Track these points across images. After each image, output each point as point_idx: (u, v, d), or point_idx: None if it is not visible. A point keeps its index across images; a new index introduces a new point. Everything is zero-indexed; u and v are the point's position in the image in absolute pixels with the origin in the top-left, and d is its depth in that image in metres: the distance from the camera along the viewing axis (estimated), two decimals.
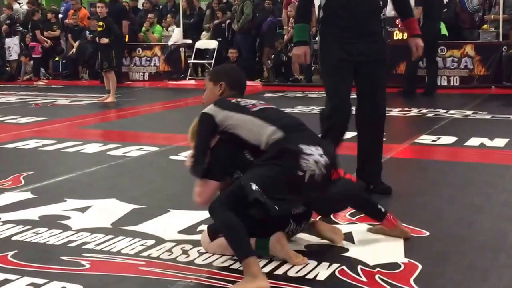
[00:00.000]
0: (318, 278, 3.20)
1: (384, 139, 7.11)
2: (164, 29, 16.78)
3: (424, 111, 9.53)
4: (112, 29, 11.68)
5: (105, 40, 11.44)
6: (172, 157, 6.38)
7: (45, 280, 3.18)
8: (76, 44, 16.52)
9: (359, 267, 3.33)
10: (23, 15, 17.70)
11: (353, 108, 4.81)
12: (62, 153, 6.77)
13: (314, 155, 3.35)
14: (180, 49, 15.87)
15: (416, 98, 11.59)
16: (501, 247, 3.64)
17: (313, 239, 3.73)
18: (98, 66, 11.92)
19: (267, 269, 3.30)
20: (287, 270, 3.28)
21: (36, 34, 16.25)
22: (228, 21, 15.89)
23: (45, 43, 16.33)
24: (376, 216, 3.78)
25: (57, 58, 16.99)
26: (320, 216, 3.87)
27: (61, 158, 6.58)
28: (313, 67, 15.62)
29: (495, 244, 3.69)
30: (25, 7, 18.24)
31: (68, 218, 4.29)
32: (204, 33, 16.28)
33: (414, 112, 9.52)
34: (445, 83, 13.20)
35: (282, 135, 3.41)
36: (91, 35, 15.26)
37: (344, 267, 3.33)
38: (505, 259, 3.47)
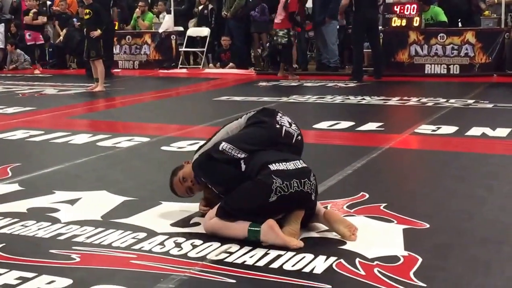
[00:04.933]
0: (315, 271, 3.20)
1: (382, 129, 7.21)
2: (155, 16, 16.75)
3: (424, 100, 9.54)
4: (100, 16, 11.63)
5: (95, 33, 11.41)
6: (163, 147, 6.38)
7: (34, 274, 3.18)
8: (63, 32, 16.47)
9: (357, 260, 3.33)
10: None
11: None
12: (50, 144, 6.76)
13: (285, 119, 4.04)
14: (171, 37, 15.85)
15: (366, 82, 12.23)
16: (504, 240, 3.65)
17: (308, 232, 3.73)
18: (85, 55, 11.88)
19: (262, 262, 3.30)
20: (283, 264, 3.28)
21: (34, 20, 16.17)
22: (210, 7, 15.83)
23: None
24: None
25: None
26: (330, 205, 3.92)
27: (49, 149, 6.57)
28: (308, 55, 15.65)
29: (498, 237, 3.70)
30: None
31: (57, 210, 4.29)
32: (192, 20, 16.27)
33: (413, 101, 9.53)
34: (445, 71, 13.24)
35: None
36: (79, 23, 15.22)
37: (341, 260, 3.33)
38: (508, 252, 3.48)
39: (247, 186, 3.66)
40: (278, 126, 3.97)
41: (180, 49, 15.90)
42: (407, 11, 13.44)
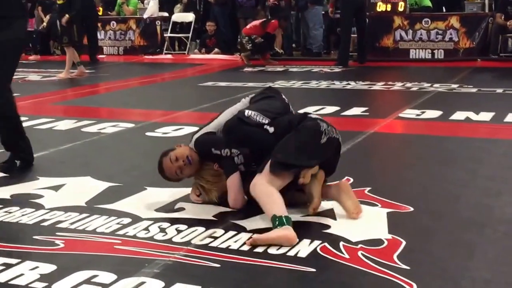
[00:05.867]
0: (299, 255, 3.20)
1: (367, 113, 7.23)
2: (140, 1, 16.66)
3: (408, 85, 9.56)
4: (72, 2, 11.53)
5: (63, 20, 11.34)
6: (148, 133, 6.36)
7: (18, 260, 3.16)
8: (46, 17, 16.34)
9: (341, 243, 3.34)
10: None
11: None
12: (34, 130, 6.71)
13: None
14: (156, 23, 15.77)
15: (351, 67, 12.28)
16: (487, 222, 3.67)
17: (293, 216, 3.73)
18: (58, 40, 11.89)
19: (246, 246, 3.30)
20: (268, 248, 3.28)
21: None
22: None
23: None
24: None
25: None
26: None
27: (33, 135, 6.43)
28: (294, 40, 15.60)
29: (481, 219, 3.72)
30: None
31: (41, 196, 4.27)
32: (178, 5, 16.18)
33: (398, 86, 9.55)
34: (429, 56, 13.26)
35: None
36: None
37: (326, 243, 3.34)
38: (490, 234, 3.50)
39: (297, 133, 3.75)
40: (286, 101, 4.15)
41: (165, 35, 15.83)
42: None
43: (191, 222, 3.69)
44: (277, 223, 3.38)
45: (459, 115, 6.93)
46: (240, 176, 3.89)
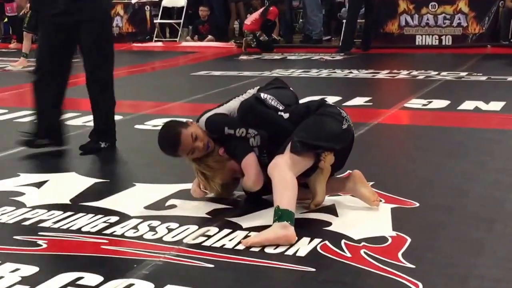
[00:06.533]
0: (298, 254, 3.20)
1: (370, 103, 7.23)
2: None
3: (414, 73, 9.57)
4: None
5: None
6: (137, 126, 6.36)
7: None
8: (27, 4, 16.31)
9: (343, 241, 3.34)
10: None
11: None
12: (14, 123, 6.71)
13: None
14: (145, 8, 15.75)
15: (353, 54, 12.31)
16: (497, 217, 3.67)
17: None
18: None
19: (242, 245, 3.30)
20: (265, 247, 3.28)
21: None
22: None
23: None
24: None
25: (6, 20, 16.79)
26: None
27: (14, 128, 6.50)
28: (295, 26, 15.60)
29: (490, 214, 3.72)
30: None
31: (22, 194, 4.26)
32: None
33: (403, 74, 9.55)
34: (436, 43, 13.26)
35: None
36: None
37: (326, 242, 3.34)
38: (500, 230, 3.50)
39: (319, 116, 3.78)
40: (295, 93, 4.20)
41: (155, 21, 15.80)
42: None
43: (183, 220, 3.68)
44: (277, 216, 3.37)
45: (468, 105, 6.94)
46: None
